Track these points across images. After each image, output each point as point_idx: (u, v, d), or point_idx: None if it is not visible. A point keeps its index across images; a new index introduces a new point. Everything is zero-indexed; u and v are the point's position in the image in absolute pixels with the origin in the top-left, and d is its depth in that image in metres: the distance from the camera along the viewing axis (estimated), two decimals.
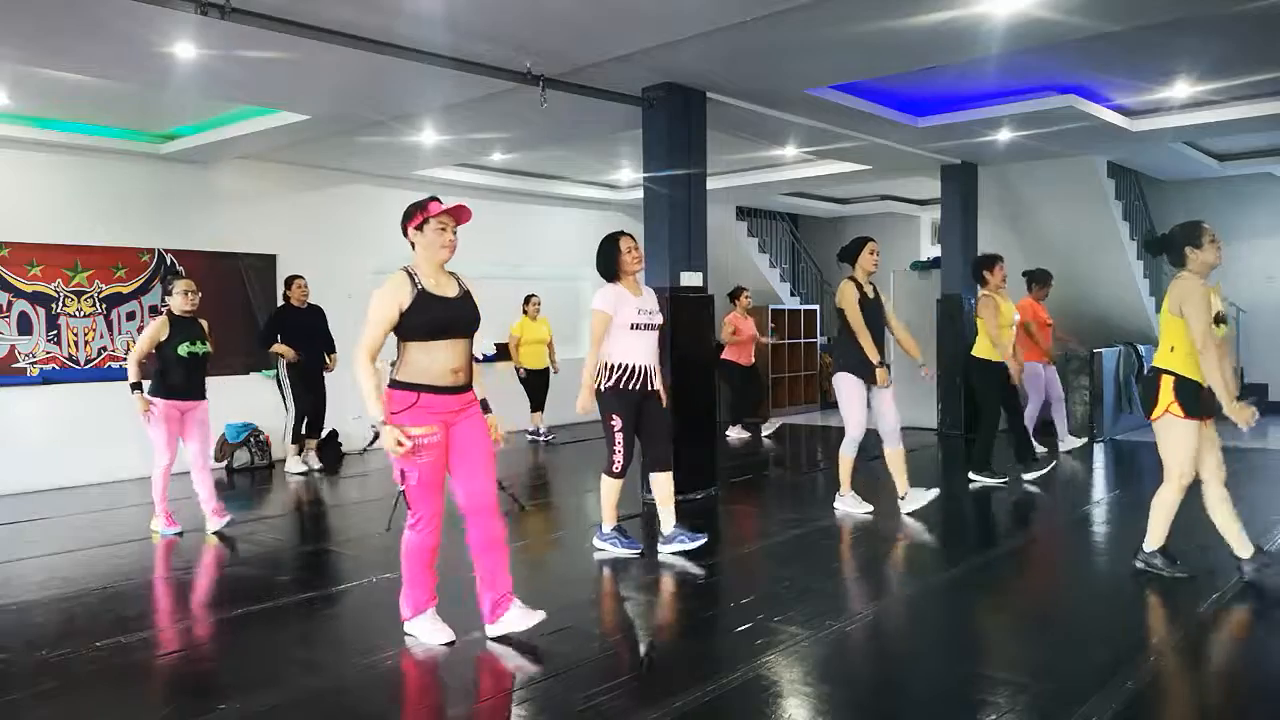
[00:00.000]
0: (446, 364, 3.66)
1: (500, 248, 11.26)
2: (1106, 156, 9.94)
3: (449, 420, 3.68)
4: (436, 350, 3.64)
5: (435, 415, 3.63)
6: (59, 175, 7.95)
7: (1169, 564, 4.51)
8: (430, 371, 3.63)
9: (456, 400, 3.70)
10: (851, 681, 3.48)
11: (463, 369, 3.71)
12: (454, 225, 3.77)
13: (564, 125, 7.77)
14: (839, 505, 6.21)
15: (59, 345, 7.95)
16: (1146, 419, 4.47)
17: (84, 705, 3.41)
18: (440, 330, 3.64)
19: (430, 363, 3.64)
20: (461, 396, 3.72)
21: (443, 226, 3.72)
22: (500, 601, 3.84)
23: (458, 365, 3.69)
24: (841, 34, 5.59)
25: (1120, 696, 3.17)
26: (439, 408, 3.64)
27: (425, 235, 3.72)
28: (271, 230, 9.11)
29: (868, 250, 6.01)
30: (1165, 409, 4.33)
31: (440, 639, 3.79)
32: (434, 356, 3.64)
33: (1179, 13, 5.41)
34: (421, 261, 3.75)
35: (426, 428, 3.60)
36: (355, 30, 5.18)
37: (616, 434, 5.06)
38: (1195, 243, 4.34)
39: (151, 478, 5.92)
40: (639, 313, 5.07)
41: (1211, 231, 4.37)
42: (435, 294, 3.68)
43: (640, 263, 5.16)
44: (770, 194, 12.52)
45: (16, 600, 4.65)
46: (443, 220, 3.73)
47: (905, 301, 10.27)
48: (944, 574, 4.91)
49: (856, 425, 5.97)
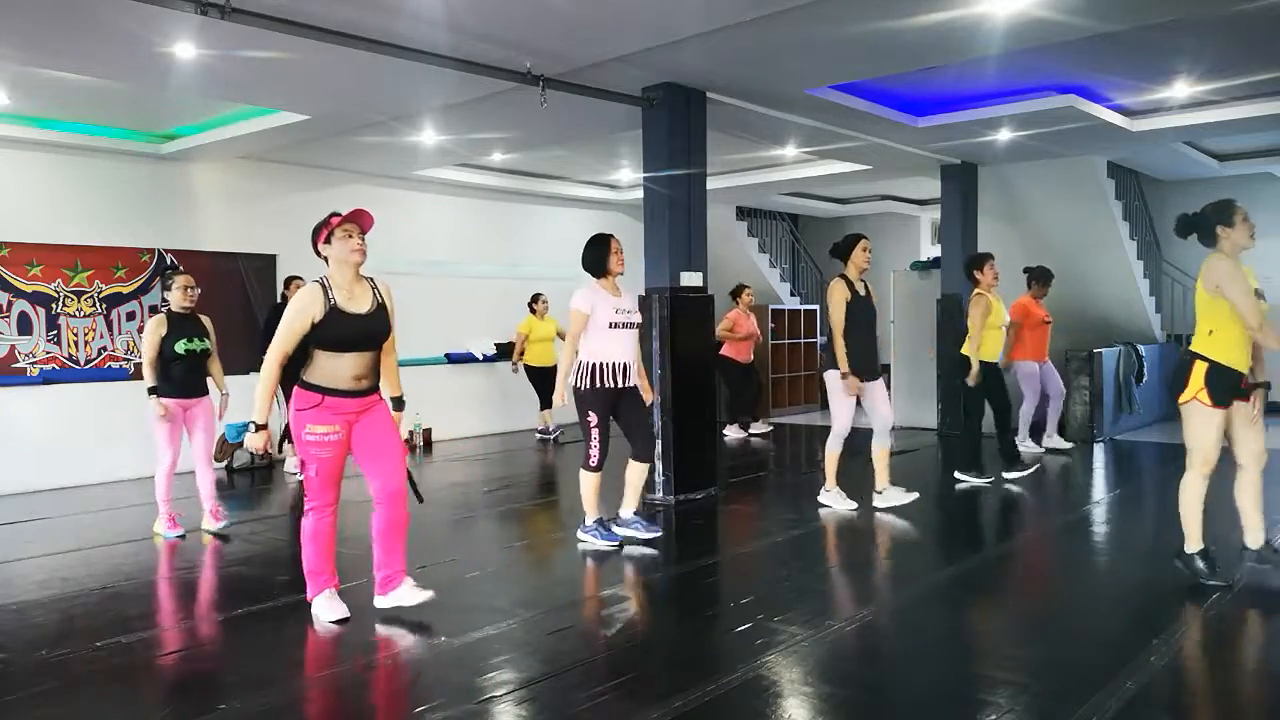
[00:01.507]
0: (350, 371, 3.93)
1: (500, 248, 11.28)
2: (1106, 156, 9.94)
3: (351, 420, 3.96)
4: (343, 359, 3.90)
5: (337, 416, 3.92)
6: (59, 175, 7.95)
7: (1208, 571, 4.34)
8: (335, 377, 3.91)
9: (359, 402, 3.97)
10: (851, 681, 3.48)
11: (366, 376, 3.99)
12: (359, 231, 3.98)
13: (564, 125, 7.77)
14: (824, 499, 6.28)
15: (59, 345, 7.95)
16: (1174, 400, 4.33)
17: (84, 705, 3.40)
18: (348, 344, 3.90)
19: (335, 369, 3.90)
20: (364, 399, 3.99)
21: (348, 234, 3.95)
22: (392, 577, 4.17)
23: (361, 373, 3.96)
24: (841, 34, 5.59)
25: (1120, 696, 3.17)
26: (341, 409, 3.92)
27: (333, 248, 3.96)
28: (271, 230, 9.11)
29: (860, 248, 6.06)
30: (1194, 394, 4.22)
31: (335, 616, 4.06)
32: (340, 364, 3.91)
33: (1179, 13, 5.41)
34: (335, 273, 3.97)
35: (327, 426, 3.89)
36: (355, 30, 5.18)
37: (593, 430, 5.28)
38: (1227, 221, 4.22)
39: (154, 478, 5.92)
40: (616, 311, 5.32)
41: (1244, 210, 4.25)
42: (346, 310, 3.90)
43: (623, 265, 5.42)
44: (770, 194, 12.53)
45: (16, 600, 4.65)
46: (346, 228, 3.95)
47: (905, 301, 10.28)
48: (944, 574, 4.90)
49: (842, 422, 6.07)
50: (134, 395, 8.09)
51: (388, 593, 4.18)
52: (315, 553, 4.10)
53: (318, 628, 4.06)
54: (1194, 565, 4.38)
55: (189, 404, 5.87)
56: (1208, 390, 4.18)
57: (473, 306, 10.75)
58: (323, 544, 4.10)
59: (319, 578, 4.12)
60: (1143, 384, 9.94)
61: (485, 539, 6.08)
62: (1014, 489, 6.96)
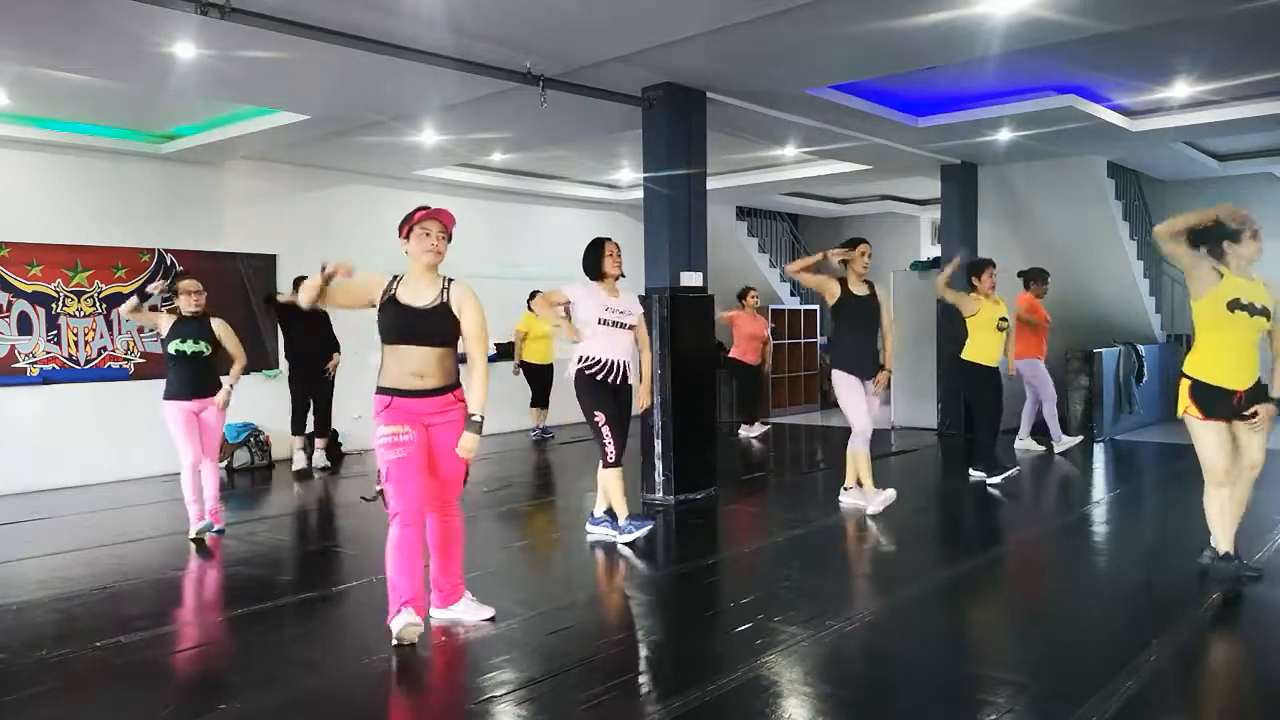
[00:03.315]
0: (409, 367, 3.81)
1: (500, 247, 11.27)
2: (1106, 156, 9.94)
3: (425, 422, 3.83)
4: (400, 353, 3.82)
5: (408, 417, 3.79)
6: (59, 175, 7.95)
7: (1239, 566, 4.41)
8: (397, 374, 3.82)
9: (428, 404, 3.83)
10: (851, 681, 3.48)
11: (429, 374, 3.83)
12: (438, 230, 3.92)
13: (564, 125, 7.77)
14: (861, 502, 6.08)
15: (59, 345, 7.95)
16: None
17: (84, 705, 3.41)
18: (399, 336, 3.82)
19: (395, 365, 3.83)
20: (434, 400, 3.84)
21: (425, 232, 3.90)
22: (451, 591, 4.09)
23: (422, 370, 3.82)
24: (841, 34, 5.59)
25: (1120, 696, 3.17)
26: (411, 410, 3.80)
27: (411, 244, 3.91)
28: (271, 230, 9.11)
29: (859, 252, 6.12)
30: (1184, 409, 4.41)
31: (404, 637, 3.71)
32: (398, 359, 3.83)
33: (1179, 13, 5.41)
34: (411, 267, 3.93)
35: (397, 426, 3.76)
36: (355, 30, 5.18)
37: (602, 428, 5.28)
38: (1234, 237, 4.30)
39: (180, 478, 5.85)
40: (607, 310, 5.31)
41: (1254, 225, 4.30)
42: (403, 302, 3.85)
43: (619, 268, 5.40)
44: (770, 194, 12.52)
45: (16, 600, 4.65)
46: (425, 226, 3.90)
47: (905, 302, 10.27)
48: (943, 574, 4.90)
49: (861, 419, 6.02)
50: (134, 395, 8.13)
51: (448, 606, 4.09)
52: (392, 566, 3.78)
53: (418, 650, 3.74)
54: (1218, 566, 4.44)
55: (195, 406, 5.86)
56: (1195, 405, 4.35)
57: None
58: (402, 557, 3.76)
59: (397, 593, 3.78)
60: (1143, 384, 9.94)
61: (485, 539, 6.07)
62: (1014, 488, 6.96)
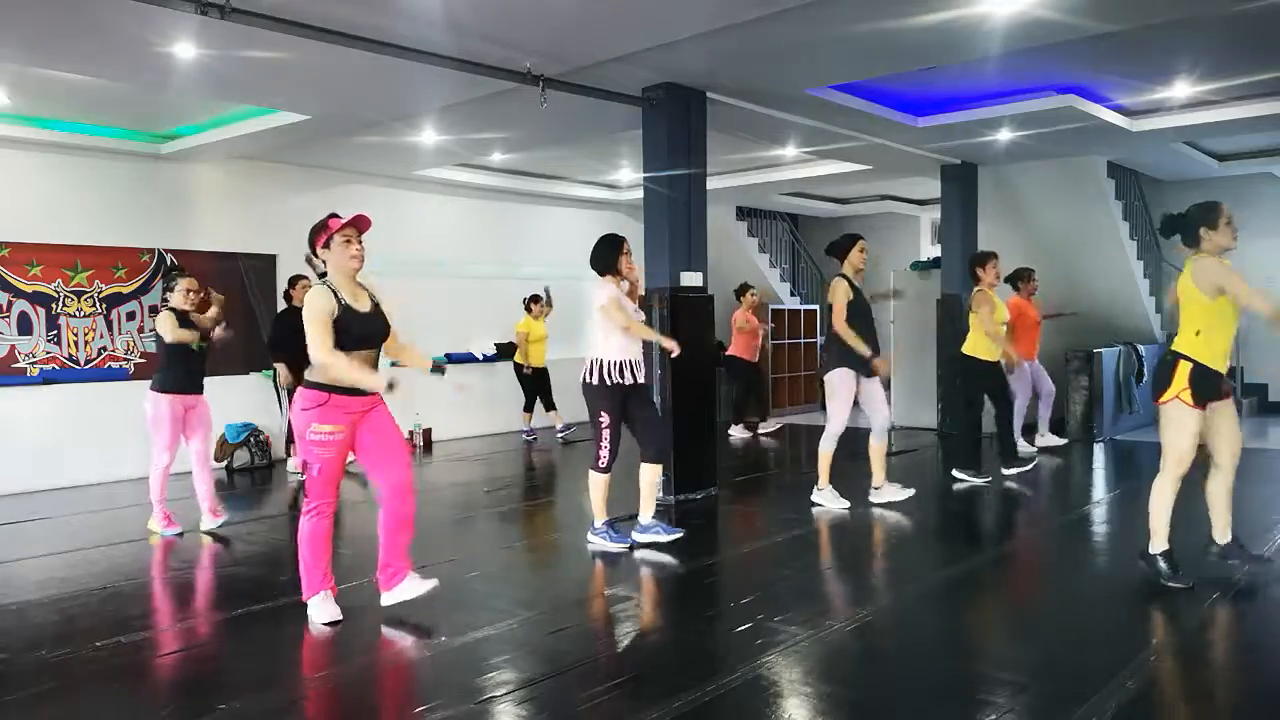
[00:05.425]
0: None
1: (500, 248, 11.28)
2: (1106, 156, 9.93)
3: (355, 419, 3.99)
4: (352, 358, 3.90)
5: (343, 414, 3.94)
6: (59, 175, 7.95)
7: (1171, 572, 4.34)
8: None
9: (361, 401, 3.99)
10: (851, 681, 3.48)
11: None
12: (358, 236, 4.00)
13: (564, 125, 7.77)
14: (817, 499, 6.32)
15: (59, 345, 7.95)
16: (1154, 401, 4.36)
17: (84, 705, 3.41)
18: (356, 343, 3.92)
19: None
20: (368, 398, 4.01)
21: (347, 240, 3.96)
22: (397, 572, 4.19)
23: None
24: (841, 34, 5.59)
25: (1120, 696, 3.17)
26: (347, 408, 3.95)
27: (332, 252, 3.97)
28: (271, 230, 9.11)
29: (858, 249, 6.16)
30: (1176, 393, 4.23)
31: (329, 618, 4.07)
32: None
33: (1179, 13, 5.41)
34: (334, 276, 3.99)
35: (333, 425, 3.91)
36: (355, 30, 5.18)
37: (604, 430, 5.23)
38: (1211, 223, 4.24)
39: (149, 478, 5.92)
40: (634, 311, 5.36)
41: (1229, 213, 4.25)
42: (354, 308, 3.93)
43: (633, 270, 5.42)
44: (770, 194, 12.52)
45: (16, 600, 4.65)
46: (346, 234, 3.96)
47: (905, 301, 10.27)
48: (943, 573, 4.90)
49: (839, 421, 6.16)
50: (134, 395, 8.10)
51: (392, 588, 4.19)
52: (312, 554, 4.10)
53: (312, 629, 4.06)
54: (1157, 565, 4.39)
55: (192, 400, 5.88)
56: (1191, 390, 4.21)
57: (473, 306, 10.74)
58: (320, 545, 4.11)
59: (315, 579, 4.12)
60: (1143, 384, 9.94)
61: (485, 539, 6.08)
62: (1014, 487, 6.97)
